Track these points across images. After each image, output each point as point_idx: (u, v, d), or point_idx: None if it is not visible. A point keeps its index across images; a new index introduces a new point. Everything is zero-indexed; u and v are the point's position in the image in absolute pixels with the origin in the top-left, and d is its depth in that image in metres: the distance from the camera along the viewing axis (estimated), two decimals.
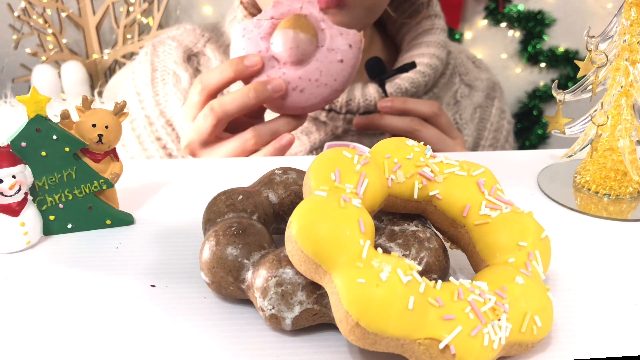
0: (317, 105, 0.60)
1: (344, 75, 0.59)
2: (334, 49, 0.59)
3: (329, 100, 0.60)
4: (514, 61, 1.74)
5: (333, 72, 0.59)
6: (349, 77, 0.60)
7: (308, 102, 0.59)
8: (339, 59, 0.59)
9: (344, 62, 0.59)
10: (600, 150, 0.50)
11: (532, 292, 0.33)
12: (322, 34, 0.59)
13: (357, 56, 0.60)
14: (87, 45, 1.59)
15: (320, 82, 0.59)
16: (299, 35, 0.57)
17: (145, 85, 0.78)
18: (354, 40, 0.60)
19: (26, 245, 0.42)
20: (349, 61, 0.59)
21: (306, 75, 0.58)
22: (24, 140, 0.40)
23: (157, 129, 0.77)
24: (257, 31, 0.60)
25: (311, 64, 0.58)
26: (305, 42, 0.58)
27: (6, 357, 0.33)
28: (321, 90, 0.59)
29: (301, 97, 0.59)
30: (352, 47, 0.59)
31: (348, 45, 0.59)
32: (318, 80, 0.58)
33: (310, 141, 0.73)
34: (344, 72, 0.59)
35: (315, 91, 0.59)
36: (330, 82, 0.59)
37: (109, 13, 1.55)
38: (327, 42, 0.59)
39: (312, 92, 0.59)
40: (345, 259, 0.30)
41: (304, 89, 0.59)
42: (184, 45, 0.79)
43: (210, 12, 1.62)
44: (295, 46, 0.57)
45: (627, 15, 0.47)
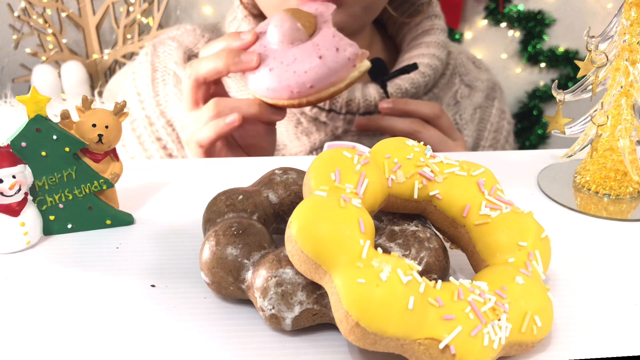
0: (280, 90, 0.58)
1: (316, 72, 0.57)
2: (319, 45, 0.58)
3: (295, 91, 0.57)
4: (514, 61, 1.74)
5: (306, 64, 0.57)
6: (324, 78, 0.57)
7: (272, 84, 0.58)
8: (319, 55, 0.57)
9: (322, 60, 0.57)
10: (600, 150, 0.50)
11: (532, 292, 0.33)
12: (318, 32, 0.59)
13: (342, 63, 0.57)
14: (87, 45, 1.59)
15: (289, 68, 0.57)
16: (290, 19, 0.58)
17: (146, 86, 0.78)
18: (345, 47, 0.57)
19: (26, 245, 0.42)
20: (327, 61, 0.57)
21: (280, 57, 0.58)
22: (24, 140, 0.40)
23: (157, 129, 0.77)
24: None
25: (291, 50, 0.58)
26: (294, 29, 0.58)
27: (6, 357, 0.33)
28: (287, 76, 0.57)
29: (267, 76, 0.58)
30: (339, 52, 0.57)
31: (335, 47, 0.57)
32: (289, 65, 0.57)
33: (310, 141, 0.73)
34: (318, 68, 0.57)
35: (282, 75, 0.57)
36: (300, 71, 0.57)
37: (109, 13, 1.55)
38: (316, 38, 0.58)
39: (278, 74, 0.57)
40: (345, 259, 0.30)
41: (273, 69, 0.57)
42: (184, 46, 0.79)
43: (210, 12, 1.62)
44: (280, 26, 0.58)
45: (627, 15, 0.47)
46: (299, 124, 0.74)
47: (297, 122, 0.74)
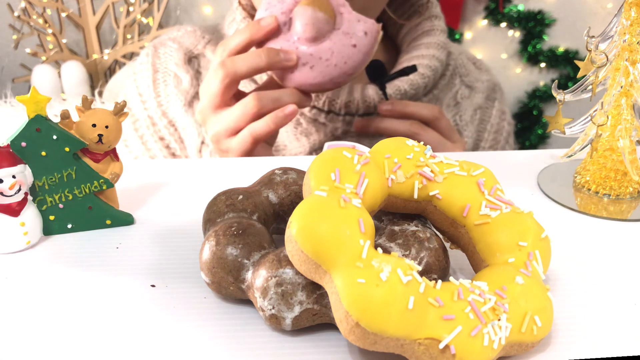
0: (325, 84, 0.61)
1: (354, 60, 0.60)
2: (349, 33, 0.60)
3: (336, 82, 0.61)
4: (514, 61, 1.74)
5: (345, 55, 0.60)
6: (361, 64, 0.61)
7: (316, 80, 0.60)
8: (353, 44, 0.60)
9: (357, 48, 0.60)
10: (600, 150, 0.50)
11: (532, 292, 0.33)
12: (341, 17, 0.60)
13: (372, 44, 0.61)
14: (87, 45, 1.59)
15: (330, 62, 0.59)
16: (316, 14, 0.59)
17: (147, 87, 0.79)
18: (370, 28, 0.60)
19: (26, 245, 0.42)
20: (362, 47, 0.60)
21: (318, 53, 0.59)
22: (24, 140, 0.40)
23: (159, 129, 0.77)
24: (280, 6, 0.61)
25: (324, 44, 0.59)
26: (322, 21, 0.59)
27: (6, 357, 0.33)
28: (330, 70, 0.60)
29: (310, 74, 0.60)
30: (368, 35, 0.60)
31: (364, 32, 0.60)
32: (329, 60, 0.59)
33: (310, 142, 0.73)
34: (356, 57, 0.60)
35: (325, 70, 0.60)
36: (341, 64, 0.60)
37: (109, 13, 1.55)
38: (344, 26, 0.60)
39: (321, 70, 0.60)
40: (345, 259, 0.30)
41: (314, 66, 0.60)
42: (185, 47, 0.79)
43: (210, 12, 1.62)
44: (312, 23, 0.58)
45: (627, 15, 0.47)
46: (298, 124, 0.74)
47: (297, 122, 0.74)
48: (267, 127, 0.59)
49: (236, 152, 0.61)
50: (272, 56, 0.59)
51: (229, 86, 0.60)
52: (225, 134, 0.61)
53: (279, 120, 0.59)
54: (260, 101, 0.59)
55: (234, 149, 0.61)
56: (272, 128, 0.59)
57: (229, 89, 0.60)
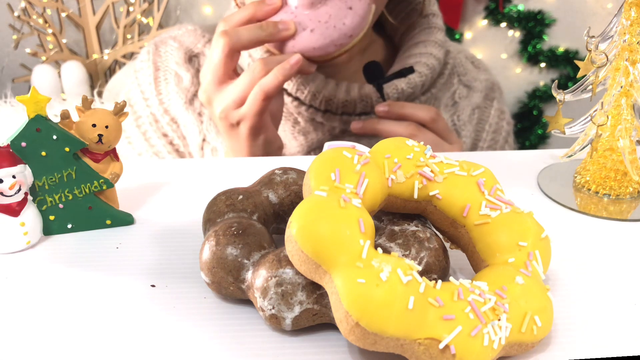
0: (327, 47, 0.63)
1: (352, 21, 0.63)
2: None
3: (338, 44, 0.63)
4: (514, 61, 1.74)
5: (342, 17, 0.62)
6: (359, 25, 0.63)
7: (318, 42, 0.62)
8: (348, 6, 0.63)
9: (353, 10, 0.63)
10: (600, 150, 0.50)
11: (532, 292, 0.33)
12: None
13: (367, 8, 0.63)
14: (87, 45, 1.59)
15: (329, 24, 0.62)
16: None
17: (149, 84, 0.79)
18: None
19: (26, 245, 0.42)
20: (357, 10, 0.63)
21: (316, 17, 0.62)
22: (24, 140, 0.40)
23: (162, 125, 0.77)
24: None
25: (321, 9, 0.62)
26: None
27: (6, 357, 0.33)
28: (330, 32, 0.62)
29: (311, 37, 0.62)
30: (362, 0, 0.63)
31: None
32: (327, 22, 0.62)
33: (308, 141, 0.73)
34: (353, 18, 0.63)
35: (325, 32, 0.62)
36: (339, 25, 0.62)
37: (109, 13, 1.55)
38: None
39: (321, 32, 0.62)
40: (345, 259, 0.30)
41: (314, 29, 0.62)
42: (185, 46, 0.79)
43: (210, 12, 1.62)
44: None
45: (627, 15, 0.47)
46: (296, 123, 0.74)
47: (295, 122, 0.74)
48: (276, 80, 0.60)
49: (249, 117, 0.61)
50: (272, 28, 0.61)
51: (230, 55, 0.61)
52: (233, 105, 0.62)
53: (286, 72, 0.60)
54: (267, 65, 0.60)
55: (245, 114, 0.61)
56: (280, 80, 0.60)
57: (230, 59, 0.61)
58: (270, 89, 0.60)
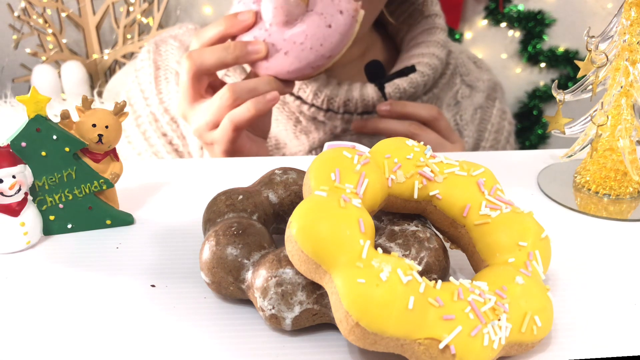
0: (303, 70, 0.59)
1: (331, 42, 0.58)
2: (323, 13, 0.57)
3: (315, 66, 0.59)
4: (514, 61, 1.74)
5: (319, 37, 0.57)
6: (338, 44, 0.58)
7: (292, 66, 0.58)
8: (328, 24, 0.57)
9: (332, 28, 0.57)
10: (600, 150, 0.50)
11: (532, 292, 0.33)
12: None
13: (349, 24, 0.58)
14: (87, 45, 1.59)
15: (305, 46, 0.57)
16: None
17: (149, 83, 0.79)
18: (346, 7, 0.58)
19: (26, 245, 0.42)
20: (338, 27, 0.58)
21: (291, 38, 0.57)
22: (24, 140, 0.40)
23: (162, 125, 0.77)
24: None
25: (297, 27, 0.57)
26: (292, 4, 0.57)
27: (6, 357, 0.33)
28: (306, 54, 0.57)
29: (285, 60, 0.58)
30: (344, 14, 0.58)
31: (339, 11, 0.58)
32: (303, 44, 0.57)
33: (309, 140, 0.73)
34: (332, 37, 0.58)
35: (300, 54, 0.57)
36: (316, 46, 0.57)
37: (109, 13, 1.55)
38: (317, 6, 0.58)
39: (296, 55, 0.58)
40: (345, 259, 0.30)
41: (288, 52, 0.58)
42: (186, 46, 0.79)
43: (210, 12, 1.62)
44: (280, 7, 0.56)
45: (627, 15, 0.47)
46: (297, 122, 0.74)
47: (296, 121, 0.74)
48: (248, 113, 0.58)
49: (220, 143, 0.60)
50: (239, 49, 0.57)
51: (195, 78, 0.59)
52: (206, 127, 0.60)
53: (260, 106, 0.58)
54: (234, 92, 0.58)
55: (217, 140, 0.60)
56: (252, 114, 0.58)
57: (196, 81, 0.59)
58: (241, 122, 0.58)
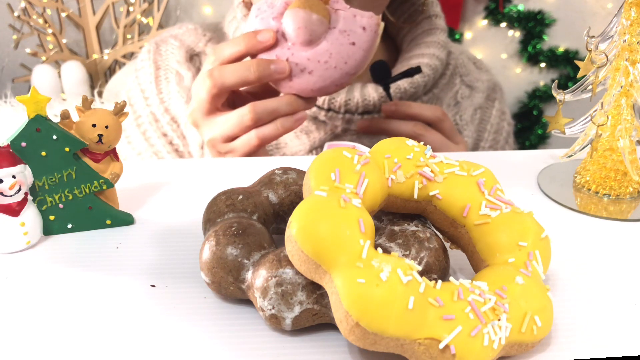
0: (327, 88, 0.58)
1: (355, 59, 0.57)
2: (347, 30, 0.57)
3: (339, 83, 0.58)
4: (514, 61, 1.74)
5: (344, 55, 0.57)
6: (362, 61, 0.58)
7: (316, 85, 0.58)
8: (351, 42, 0.57)
9: (356, 45, 0.57)
10: (600, 150, 0.50)
11: (532, 292, 0.33)
12: (336, 15, 0.57)
13: (372, 40, 0.58)
14: (87, 45, 1.59)
15: (329, 65, 0.57)
16: (308, 16, 0.56)
17: (149, 83, 0.79)
18: (368, 23, 0.58)
19: (26, 245, 0.42)
20: (361, 44, 0.57)
21: (315, 57, 0.57)
22: (24, 140, 0.40)
23: (162, 125, 0.77)
24: (270, 11, 0.58)
25: (321, 46, 0.57)
26: (315, 23, 0.56)
27: (6, 357, 0.33)
28: (330, 73, 0.57)
29: (310, 79, 0.57)
30: (366, 30, 0.57)
31: (362, 27, 0.57)
32: (327, 63, 0.57)
33: (310, 140, 0.74)
34: (356, 55, 0.57)
35: (324, 73, 0.57)
36: (341, 64, 0.57)
37: (109, 13, 1.55)
38: (340, 24, 0.57)
39: (321, 74, 0.57)
40: (345, 259, 0.30)
41: (313, 71, 0.57)
42: (186, 45, 0.79)
43: (210, 12, 1.62)
44: (304, 26, 0.56)
45: (627, 15, 0.47)
46: None
47: None
48: (276, 132, 0.58)
49: (238, 154, 0.60)
50: (263, 69, 0.57)
51: (216, 96, 0.59)
52: (221, 140, 0.60)
53: (288, 125, 0.58)
54: (256, 114, 0.58)
55: (235, 150, 0.60)
56: (280, 132, 0.58)
57: (216, 99, 0.59)
58: (268, 138, 0.58)
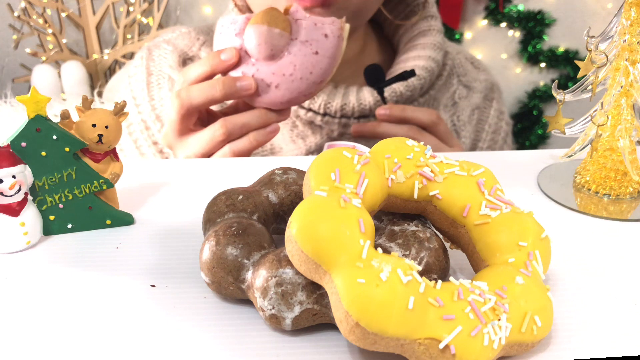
0: (296, 99, 0.58)
1: (321, 68, 0.57)
2: (308, 40, 0.57)
3: (307, 94, 0.58)
4: (514, 61, 1.74)
5: (308, 65, 0.57)
6: (328, 69, 0.58)
7: (285, 98, 0.58)
8: (314, 51, 0.57)
9: (320, 54, 0.57)
10: (600, 150, 0.50)
11: (532, 292, 0.33)
12: (297, 25, 0.57)
13: (336, 46, 0.57)
14: (87, 45, 1.59)
15: (295, 77, 0.57)
16: (268, 31, 0.56)
17: (141, 90, 0.78)
18: (331, 29, 0.57)
19: (26, 245, 0.42)
20: (325, 52, 0.57)
21: (279, 71, 0.57)
22: (24, 140, 0.40)
23: (153, 133, 0.77)
24: (233, 27, 0.59)
25: (284, 59, 0.57)
26: (276, 37, 0.56)
27: (6, 357, 0.33)
28: (297, 85, 0.57)
29: (277, 93, 0.57)
30: (329, 37, 0.57)
31: (324, 35, 0.57)
32: (293, 75, 0.57)
33: (306, 145, 0.74)
34: (321, 64, 0.57)
35: (291, 86, 0.57)
36: (306, 75, 0.57)
37: (109, 13, 1.55)
38: (302, 34, 0.57)
39: (287, 87, 0.57)
40: (345, 259, 0.30)
41: (279, 85, 0.57)
42: (180, 49, 0.79)
43: (210, 12, 1.61)
44: (264, 42, 0.56)
45: (627, 15, 0.47)
46: (294, 127, 0.74)
47: (293, 125, 0.74)
48: (250, 145, 0.59)
49: None
50: (229, 87, 0.57)
51: (185, 116, 0.59)
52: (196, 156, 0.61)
53: (262, 138, 0.59)
54: (227, 128, 0.58)
55: None
56: (254, 145, 0.59)
57: (186, 119, 0.60)
58: (243, 152, 0.59)
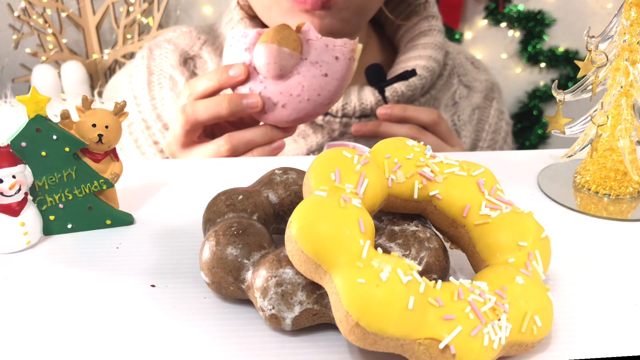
0: (302, 119, 0.58)
1: (329, 90, 0.56)
2: (318, 62, 0.56)
3: (314, 114, 0.58)
4: (514, 61, 1.74)
5: (316, 87, 0.56)
6: (336, 91, 0.57)
7: (290, 117, 0.57)
8: (323, 73, 0.56)
9: (329, 76, 0.56)
10: (600, 150, 0.50)
11: (532, 292, 0.33)
12: (307, 45, 0.56)
13: (346, 68, 0.57)
14: (87, 45, 1.59)
15: (302, 98, 0.56)
16: (278, 50, 0.55)
17: (142, 89, 0.78)
18: (341, 51, 0.56)
19: (26, 245, 0.42)
20: (334, 74, 0.56)
21: (287, 90, 0.56)
22: (24, 140, 0.40)
23: (154, 132, 0.77)
24: (243, 41, 0.58)
25: (293, 79, 0.56)
26: (285, 57, 0.55)
27: (6, 357, 0.33)
28: (304, 106, 0.56)
29: (283, 112, 0.57)
30: (339, 60, 0.56)
31: (334, 57, 0.56)
32: (300, 96, 0.56)
33: (307, 144, 0.74)
34: (329, 86, 0.56)
35: (298, 106, 0.56)
36: (314, 97, 0.56)
37: (109, 13, 1.55)
38: (312, 55, 0.56)
39: (294, 107, 0.57)
40: (345, 259, 0.30)
41: (286, 104, 0.56)
42: (180, 49, 0.79)
43: (210, 12, 1.62)
44: (273, 61, 0.55)
45: (627, 15, 0.47)
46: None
47: None
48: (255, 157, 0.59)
49: None
50: (235, 104, 0.56)
51: (190, 131, 0.59)
52: None
53: (266, 154, 0.59)
54: (232, 144, 0.58)
55: None
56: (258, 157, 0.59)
57: (191, 133, 0.60)
58: None
